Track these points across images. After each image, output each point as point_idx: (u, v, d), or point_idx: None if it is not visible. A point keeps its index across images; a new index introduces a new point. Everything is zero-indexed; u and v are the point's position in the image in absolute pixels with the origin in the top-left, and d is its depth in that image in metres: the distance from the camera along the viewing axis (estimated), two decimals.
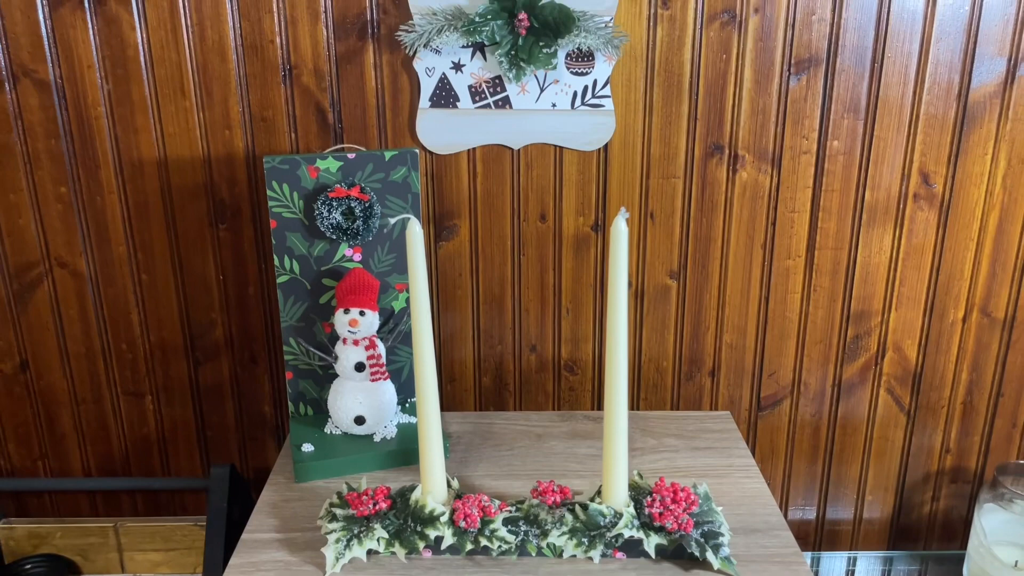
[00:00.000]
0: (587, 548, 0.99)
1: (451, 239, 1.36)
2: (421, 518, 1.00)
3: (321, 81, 1.27)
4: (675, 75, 1.28)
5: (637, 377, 1.44)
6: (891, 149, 1.32)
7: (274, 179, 1.16)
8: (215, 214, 1.34)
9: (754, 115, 1.30)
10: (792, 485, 1.52)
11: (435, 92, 1.27)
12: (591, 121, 1.29)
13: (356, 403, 1.20)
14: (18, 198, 1.33)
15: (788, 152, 1.32)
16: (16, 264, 1.36)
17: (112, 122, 1.29)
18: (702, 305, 1.40)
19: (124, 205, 1.33)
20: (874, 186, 1.34)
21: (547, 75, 1.26)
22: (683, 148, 1.32)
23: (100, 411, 1.45)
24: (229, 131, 1.29)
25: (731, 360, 1.44)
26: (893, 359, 1.44)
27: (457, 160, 1.32)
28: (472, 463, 1.21)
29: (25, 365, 1.42)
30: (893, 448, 1.50)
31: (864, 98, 1.29)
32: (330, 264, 1.21)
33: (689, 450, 1.25)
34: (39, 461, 1.48)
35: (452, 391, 1.45)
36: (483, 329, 1.41)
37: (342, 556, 0.99)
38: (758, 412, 1.47)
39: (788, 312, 1.41)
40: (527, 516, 1.02)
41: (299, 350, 1.23)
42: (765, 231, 1.36)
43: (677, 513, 0.98)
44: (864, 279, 1.39)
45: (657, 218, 1.35)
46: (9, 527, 1.42)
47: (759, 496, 1.13)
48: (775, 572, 0.98)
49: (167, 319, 1.39)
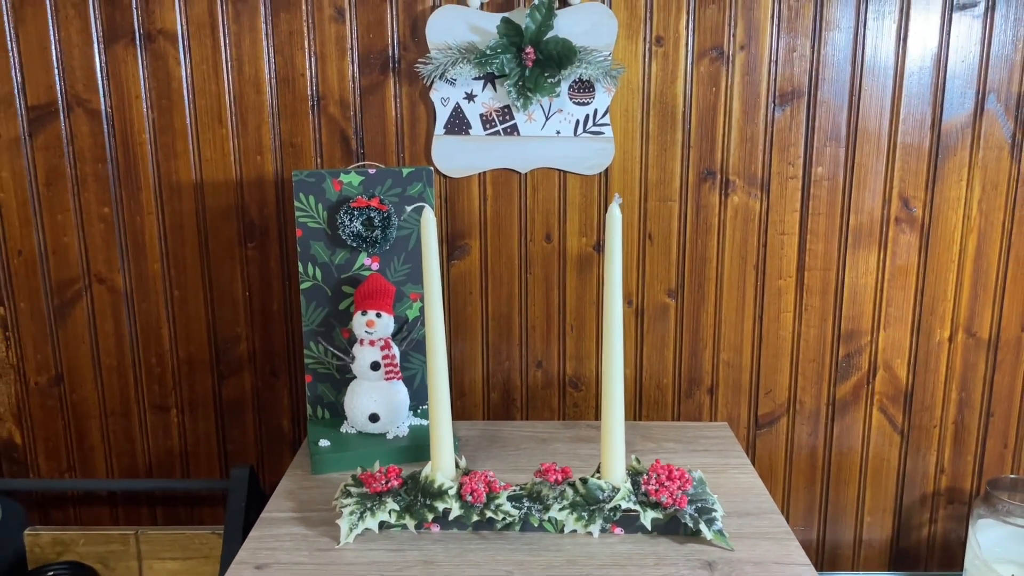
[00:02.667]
0: (587, 522, 1.05)
1: (463, 258, 1.45)
2: (430, 492, 1.06)
3: (346, 111, 1.40)
4: (669, 106, 1.40)
5: (639, 393, 1.51)
6: (872, 175, 1.42)
7: (301, 191, 1.27)
8: (244, 233, 1.44)
9: (743, 143, 1.41)
10: (792, 506, 1.56)
11: (449, 120, 1.39)
12: (592, 147, 1.40)
13: (371, 401, 1.27)
14: (64, 218, 1.44)
15: (776, 177, 1.42)
16: (58, 280, 1.46)
17: (155, 148, 1.41)
18: (699, 323, 1.48)
19: (161, 224, 1.44)
20: (858, 209, 1.43)
21: (552, 104, 1.38)
22: (678, 173, 1.42)
23: (127, 424, 1.52)
24: (260, 156, 1.41)
25: (728, 378, 1.51)
26: (884, 378, 1.50)
27: (469, 183, 1.43)
28: (480, 460, 1.27)
29: (60, 379, 1.50)
30: (889, 468, 1.54)
31: (844, 127, 1.40)
32: (350, 272, 1.31)
33: (687, 452, 1.31)
34: (67, 473, 1.55)
35: (462, 405, 1.52)
36: (492, 345, 1.49)
37: (355, 527, 1.04)
38: (756, 430, 1.53)
39: (782, 331, 1.48)
40: (531, 493, 1.08)
41: (318, 352, 1.32)
42: (757, 252, 1.45)
43: (672, 489, 1.04)
44: (853, 299, 1.47)
45: (655, 239, 1.45)
46: (35, 534, 1.48)
47: (753, 488, 1.19)
48: (767, 547, 1.03)
49: (195, 334, 1.48)
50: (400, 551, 1.02)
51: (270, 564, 1.00)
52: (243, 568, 0.99)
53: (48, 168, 1.42)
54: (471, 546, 1.03)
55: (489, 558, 1.01)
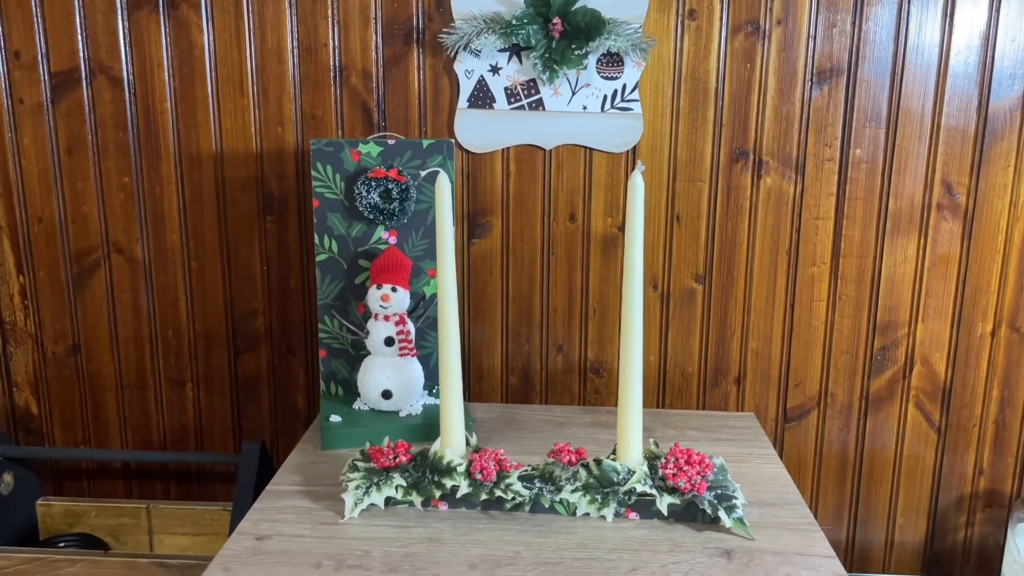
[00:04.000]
0: (600, 505, 1.00)
1: (484, 237, 1.42)
2: (439, 469, 1.03)
3: (368, 82, 1.37)
4: (701, 82, 1.35)
5: (663, 381, 1.46)
6: (913, 159, 1.35)
7: (319, 160, 1.24)
8: (263, 206, 1.42)
9: (778, 122, 1.35)
10: (821, 503, 1.50)
11: (473, 93, 1.35)
12: (620, 124, 1.35)
13: (384, 377, 1.24)
14: (85, 186, 1.43)
15: (811, 159, 1.36)
16: (77, 249, 1.45)
17: (176, 117, 1.40)
18: (727, 310, 1.43)
19: (181, 195, 1.43)
20: (897, 195, 1.37)
21: (579, 78, 1.33)
22: (709, 153, 1.37)
23: (143, 397, 1.51)
24: (281, 128, 1.39)
25: (757, 368, 1.45)
26: (921, 373, 1.44)
27: (492, 159, 1.39)
28: (493, 442, 1.23)
29: (76, 349, 1.49)
30: (924, 468, 1.47)
31: (885, 108, 1.34)
32: (366, 245, 1.28)
33: (710, 441, 1.25)
34: (82, 446, 1.54)
35: (480, 389, 1.48)
36: (512, 328, 1.45)
37: (360, 502, 1.01)
38: (785, 423, 1.47)
39: (814, 320, 1.42)
40: (543, 474, 1.04)
41: (333, 327, 1.29)
42: (790, 237, 1.39)
43: (691, 474, 0.99)
44: (890, 289, 1.40)
45: (683, 221, 1.40)
46: (47, 504, 1.47)
47: (778, 478, 1.13)
48: (789, 537, 0.98)
49: (212, 308, 1.47)
50: (405, 528, 0.99)
51: (271, 536, 0.97)
52: (244, 538, 0.96)
53: (69, 136, 1.41)
54: (479, 525, 0.99)
55: (497, 538, 0.97)
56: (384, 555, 0.93)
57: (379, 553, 0.93)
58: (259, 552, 0.93)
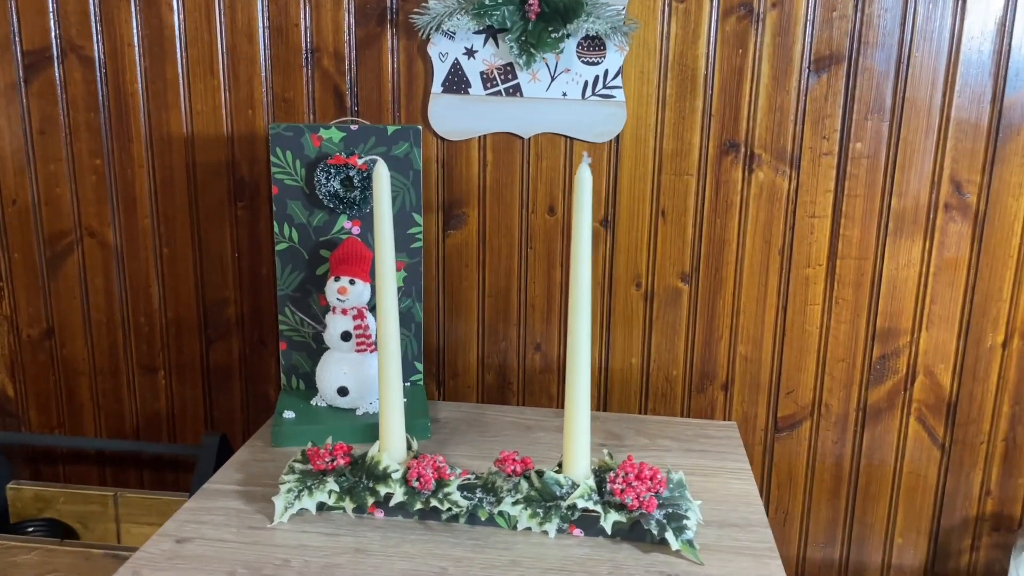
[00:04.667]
0: (542, 520, 0.94)
1: (459, 228, 1.35)
2: (375, 474, 0.97)
3: (340, 64, 1.31)
4: (689, 69, 1.26)
5: (645, 385, 1.39)
6: (919, 154, 1.25)
7: (278, 146, 1.19)
8: (235, 192, 1.38)
9: (771, 113, 1.26)
10: (812, 519, 1.41)
11: (447, 77, 1.29)
12: (602, 112, 1.28)
13: (340, 373, 1.19)
14: (57, 168, 1.40)
15: (808, 153, 1.27)
16: (51, 232, 1.43)
17: (147, 98, 1.36)
18: (715, 312, 1.35)
19: (152, 179, 1.39)
20: (901, 193, 1.27)
21: (558, 63, 1.26)
22: (697, 144, 1.29)
23: (116, 384, 1.49)
24: (252, 111, 1.34)
25: (746, 374, 1.36)
26: (924, 384, 1.34)
27: (468, 147, 1.32)
28: (451, 445, 1.17)
29: (51, 332, 1.48)
30: (926, 486, 1.38)
31: (889, 99, 1.24)
32: (328, 235, 1.23)
33: (682, 451, 1.18)
34: (56, 430, 1.52)
35: (455, 387, 1.42)
36: (488, 324, 1.39)
37: (291, 506, 0.96)
38: (775, 433, 1.38)
39: (808, 325, 1.33)
40: (485, 484, 0.98)
41: (293, 319, 1.24)
42: (783, 236, 1.31)
43: (639, 490, 0.92)
44: (891, 293, 1.31)
45: (669, 216, 1.32)
46: (17, 488, 1.45)
47: (745, 496, 1.05)
48: (743, 564, 0.90)
49: (184, 295, 1.43)
50: (334, 536, 0.94)
51: (192, 539, 0.93)
52: (164, 540, 0.92)
53: (42, 116, 1.38)
54: (411, 536, 0.94)
55: (427, 551, 0.91)
56: (303, 565, 0.88)
57: (298, 563, 0.88)
58: (175, 556, 0.89)
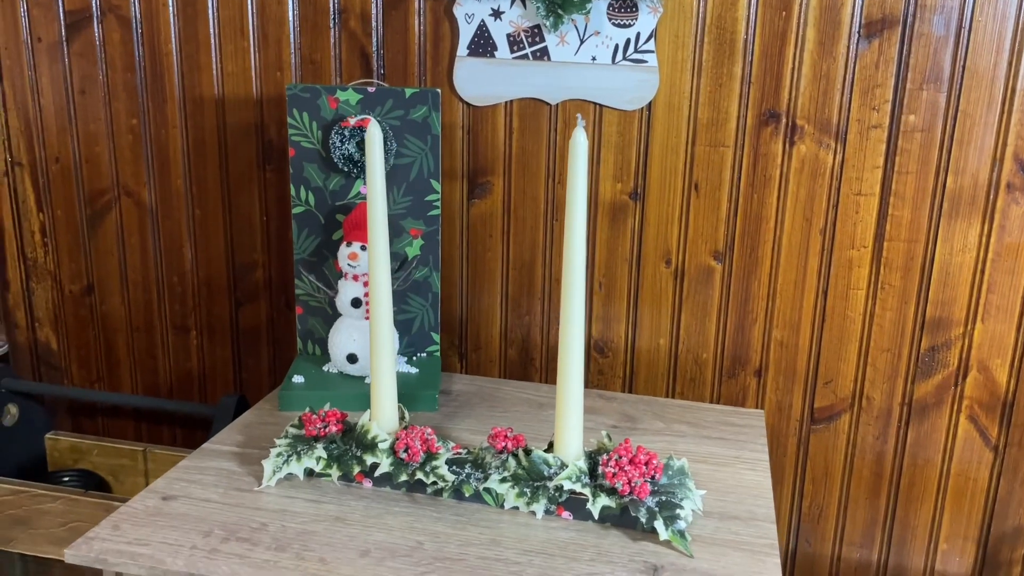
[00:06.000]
0: (530, 500, 0.90)
1: (484, 197, 1.32)
2: (363, 443, 0.95)
3: (367, 26, 1.28)
4: (728, 32, 1.18)
5: (673, 367, 1.32)
6: (980, 128, 1.14)
7: (295, 107, 1.17)
8: (263, 154, 1.37)
9: (816, 81, 1.17)
10: (848, 518, 1.32)
11: (473, 40, 1.24)
12: (633, 78, 1.21)
13: (350, 340, 1.17)
14: (97, 127, 1.43)
15: (855, 125, 1.18)
16: (90, 190, 1.46)
17: (180, 59, 1.36)
18: (749, 293, 1.27)
19: (185, 140, 1.40)
20: (958, 170, 1.16)
21: (587, 25, 1.20)
22: (734, 114, 1.21)
23: (151, 342, 1.51)
24: (280, 73, 1.33)
25: (781, 360, 1.29)
26: (978, 381, 1.23)
27: (494, 113, 1.28)
28: (458, 419, 1.14)
29: (91, 289, 1.51)
30: (976, 490, 1.27)
31: (948, 67, 1.13)
32: (345, 200, 1.21)
33: (697, 438, 1.12)
34: (96, 384, 1.56)
35: (477, 360, 1.39)
36: (511, 297, 1.35)
37: (279, 471, 0.95)
38: (811, 424, 1.30)
39: (850, 311, 1.24)
40: (476, 459, 0.94)
41: (308, 284, 1.23)
42: (825, 214, 1.22)
43: (632, 475, 0.87)
44: (944, 280, 1.21)
45: (702, 190, 1.24)
46: (55, 439, 1.50)
47: (755, 488, 0.99)
48: (736, 559, 0.84)
49: (215, 256, 1.44)
50: (317, 503, 0.92)
51: (179, 497, 0.93)
52: (151, 496, 0.93)
53: (82, 75, 1.41)
54: (395, 508, 0.91)
55: (407, 524, 0.88)
56: (279, 530, 0.86)
57: (275, 528, 0.87)
58: (158, 513, 0.89)
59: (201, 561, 0.81)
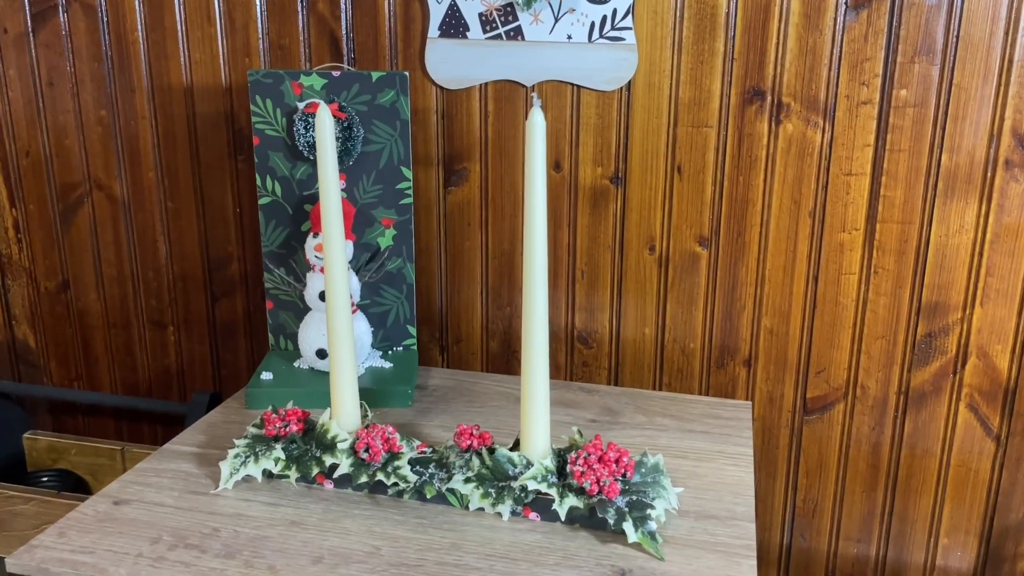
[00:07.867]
0: (495, 501, 0.86)
1: (461, 184, 1.27)
2: (323, 443, 0.91)
3: (336, 9, 1.24)
4: (708, 6, 1.13)
5: (659, 358, 1.27)
6: (975, 102, 1.08)
7: (258, 94, 1.13)
8: (234, 144, 1.33)
9: (802, 56, 1.12)
10: (845, 512, 1.27)
11: (444, 20, 1.19)
12: (610, 56, 1.16)
13: (319, 335, 1.13)
14: (66, 119, 1.39)
15: (844, 102, 1.12)
16: (62, 184, 1.42)
17: (147, 47, 1.32)
18: (737, 280, 1.22)
19: (155, 131, 1.36)
20: (953, 147, 1.11)
21: (562, 3, 1.15)
22: (717, 92, 1.15)
23: (128, 338, 1.48)
24: (248, 59, 1.29)
25: (771, 349, 1.23)
26: (977, 367, 1.18)
27: (468, 97, 1.23)
28: (432, 415, 1.10)
29: (67, 285, 1.48)
30: (977, 481, 1.22)
31: (940, 38, 1.07)
32: (312, 189, 1.16)
33: (679, 432, 1.07)
34: (75, 382, 1.53)
35: (459, 353, 1.35)
36: (492, 287, 1.31)
37: (236, 473, 0.91)
38: (803, 416, 1.25)
39: (842, 297, 1.19)
40: (440, 459, 0.90)
41: (276, 278, 1.19)
42: (815, 196, 1.16)
43: (600, 474, 0.83)
44: (940, 263, 1.15)
45: (685, 173, 1.19)
46: (33, 438, 1.47)
47: (736, 485, 0.94)
48: (710, 561, 0.80)
49: (189, 250, 1.40)
50: (275, 506, 0.88)
51: (131, 501, 0.89)
52: (102, 501, 0.89)
53: (49, 66, 1.37)
54: (355, 511, 0.87)
55: (366, 528, 0.84)
56: (231, 536, 0.83)
57: (227, 533, 0.83)
58: (107, 519, 0.86)
59: (145, 570, 0.77)
